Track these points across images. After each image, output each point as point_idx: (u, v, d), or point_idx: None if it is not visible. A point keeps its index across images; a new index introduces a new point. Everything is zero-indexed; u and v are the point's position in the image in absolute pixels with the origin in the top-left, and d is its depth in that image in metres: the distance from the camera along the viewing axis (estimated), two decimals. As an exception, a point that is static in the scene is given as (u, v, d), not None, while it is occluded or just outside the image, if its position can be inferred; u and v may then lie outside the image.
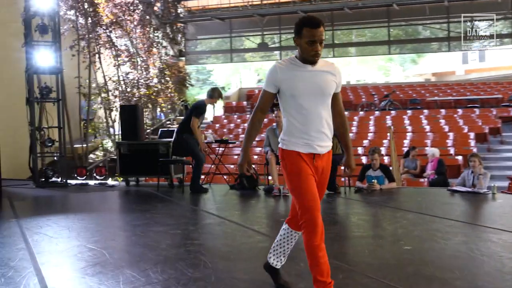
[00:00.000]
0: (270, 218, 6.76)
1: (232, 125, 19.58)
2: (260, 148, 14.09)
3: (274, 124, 8.79)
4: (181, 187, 9.07)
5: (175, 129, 9.25)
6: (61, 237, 5.35)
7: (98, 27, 17.50)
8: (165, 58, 22.92)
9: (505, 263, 4.22)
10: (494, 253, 4.58)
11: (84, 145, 16.21)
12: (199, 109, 8.43)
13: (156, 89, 20.46)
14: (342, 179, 9.02)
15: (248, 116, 21.24)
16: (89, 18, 17.18)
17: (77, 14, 16.85)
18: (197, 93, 41.92)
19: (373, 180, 8.58)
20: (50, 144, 9.62)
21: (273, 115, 8.70)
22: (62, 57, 15.46)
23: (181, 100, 24.78)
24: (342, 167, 3.65)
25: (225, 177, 10.13)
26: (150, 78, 20.50)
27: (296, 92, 3.19)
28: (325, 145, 3.25)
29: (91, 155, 17.18)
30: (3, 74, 10.29)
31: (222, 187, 9.32)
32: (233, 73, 40.90)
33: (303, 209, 3.13)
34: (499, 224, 5.97)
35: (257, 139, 15.89)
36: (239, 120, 20.35)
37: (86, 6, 17.11)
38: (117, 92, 18.53)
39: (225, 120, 20.74)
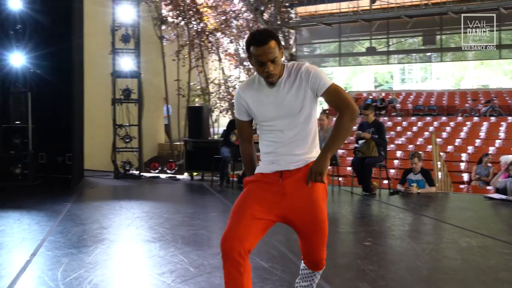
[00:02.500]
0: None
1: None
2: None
3: (319, 126, 9.25)
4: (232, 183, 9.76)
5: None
6: (87, 219, 6.33)
7: (202, 34, 18.85)
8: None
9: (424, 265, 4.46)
10: (443, 256, 4.82)
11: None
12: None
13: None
14: (385, 181, 9.24)
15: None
16: (194, 25, 18.56)
17: (183, 20, 18.31)
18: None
19: (412, 184, 8.72)
20: (128, 140, 10.81)
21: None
22: (164, 62, 17.19)
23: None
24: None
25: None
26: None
27: (259, 117, 2.80)
28: (296, 159, 2.74)
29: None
30: (93, 78, 11.64)
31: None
32: (351, 76, 40.85)
33: (224, 234, 2.63)
34: (494, 231, 6.02)
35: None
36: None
37: (191, 14, 18.51)
38: (219, 95, 19.80)
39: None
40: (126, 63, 10.80)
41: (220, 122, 19.87)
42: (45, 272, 4.08)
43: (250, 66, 22.25)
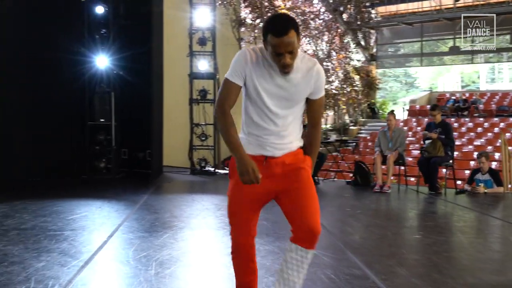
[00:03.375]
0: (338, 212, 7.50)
1: (405, 128, 19.87)
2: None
3: (386, 126, 9.41)
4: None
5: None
6: (161, 209, 6.86)
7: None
8: (351, 62, 23.89)
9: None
10: (487, 249, 4.91)
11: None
12: None
13: (336, 92, 21.57)
14: (461, 182, 9.23)
15: (425, 120, 21.20)
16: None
17: (261, 23, 18.80)
18: (403, 95, 41.93)
19: (480, 184, 8.68)
20: (204, 138, 11.37)
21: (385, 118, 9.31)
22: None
23: (368, 102, 25.60)
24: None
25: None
26: (331, 82, 21.69)
27: (258, 90, 2.65)
28: (282, 146, 2.72)
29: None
30: (171, 80, 12.26)
31: (341, 183, 10.17)
32: (436, 76, 39.96)
33: (231, 238, 2.82)
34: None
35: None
36: (415, 124, 20.50)
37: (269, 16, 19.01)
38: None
39: (401, 123, 21.02)
40: (203, 65, 11.35)
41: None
42: (119, 251, 4.61)
43: (329, 67, 22.45)
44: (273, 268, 3.94)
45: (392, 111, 10.17)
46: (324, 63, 22.32)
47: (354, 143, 18.04)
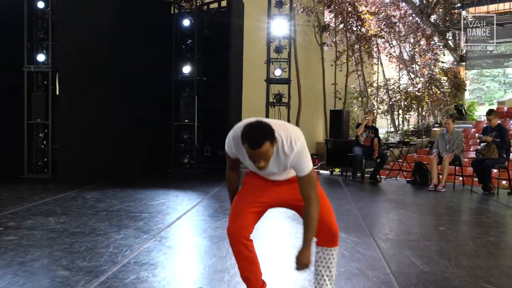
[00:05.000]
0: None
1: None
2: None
3: (445, 129, 9.96)
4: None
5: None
6: (226, 199, 7.87)
7: (362, 39, 19.87)
8: (438, 64, 23.87)
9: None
10: (501, 241, 5.52)
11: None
12: None
13: (418, 94, 21.74)
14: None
15: (510, 123, 20.94)
16: (355, 31, 19.66)
17: (344, 28, 19.49)
18: (500, 96, 40.64)
19: (533, 185, 9.05)
20: (275, 139, 12.35)
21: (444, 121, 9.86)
22: (323, 67, 18.51)
23: (454, 104, 25.41)
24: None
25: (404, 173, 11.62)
26: (415, 84, 21.90)
27: (247, 166, 3.14)
28: (284, 178, 3.17)
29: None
30: (250, 84, 13.35)
31: (402, 181, 10.79)
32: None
33: (228, 225, 3.12)
34: None
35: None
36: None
37: (352, 21, 19.63)
38: (378, 98, 20.65)
39: (484, 125, 20.82)
40: (278, 70, 12.34)
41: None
42: (182, 229, 5.75)
43: (416, 69, 22.67)
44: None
45: (451, 115, 10.67)
46: (410, 66, 22.59)
47: (430, 145, 18.18)
